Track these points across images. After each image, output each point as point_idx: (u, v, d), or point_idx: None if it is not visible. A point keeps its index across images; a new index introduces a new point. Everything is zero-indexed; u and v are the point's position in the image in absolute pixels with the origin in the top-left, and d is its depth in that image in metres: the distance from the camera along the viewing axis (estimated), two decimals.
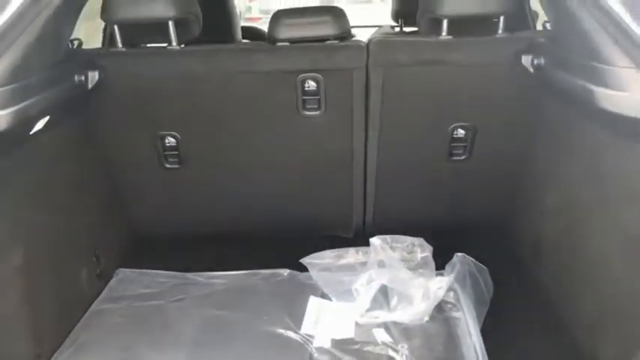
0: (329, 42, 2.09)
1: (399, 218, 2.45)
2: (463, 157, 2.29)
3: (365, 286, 1.96)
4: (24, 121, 1.61)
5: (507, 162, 2.27)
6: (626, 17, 1.44)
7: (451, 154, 2.29)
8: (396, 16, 3.30)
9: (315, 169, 2.35)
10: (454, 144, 2.27)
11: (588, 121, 1.73)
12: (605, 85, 1.49)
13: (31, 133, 1.70)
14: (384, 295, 1.98)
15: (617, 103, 1.45)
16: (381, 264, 2.18)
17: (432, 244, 2.28)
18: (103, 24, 2.60)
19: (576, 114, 1.81)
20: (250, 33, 3.57)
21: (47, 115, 1.77)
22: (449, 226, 2.39)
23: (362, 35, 2.70)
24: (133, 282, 2.28)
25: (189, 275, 2.29)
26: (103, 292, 2.20)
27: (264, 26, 4.17)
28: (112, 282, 2.27)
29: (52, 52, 1.82)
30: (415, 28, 3.19)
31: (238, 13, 3.45)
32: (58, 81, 1.82)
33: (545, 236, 2.09)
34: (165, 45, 2.10)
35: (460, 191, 2.38)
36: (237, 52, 2.13)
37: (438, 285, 1.92)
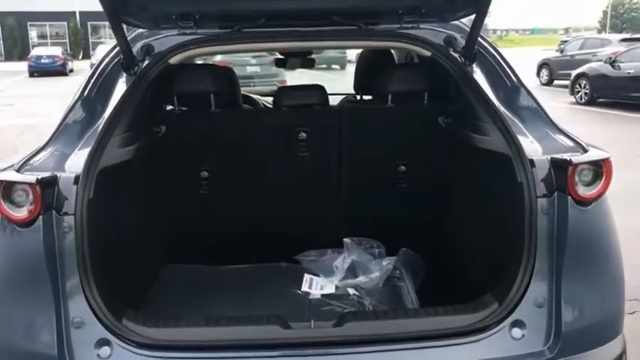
0: (315, 107, 3.20)
1: (364, 227, 3.51)
2: (405, 185, 3.39)
3: (341, 263, 3.00)
4: (133, 156, 2.64)
5: (432, 186, 3.38)
6: (490, 94, 2.60)
7: (397, 183, 3.39)
8: (357, 88, 4.49)
9: (304, 195, 3.40)
10: (398, 176, 3.37)
11: (473, 155, 2.86)
12: (480, 133, 2.63)
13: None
14: (352, 270, 3.02)
15: (485, 143, 2.58)
16: (353, 259, 3.23)
17: (385, 244, 3.34)
18: None
19: (467, 151, 2.94)
20: (246, 100, 4.70)
21: (143, 152, 2.79)
22: (397, 231, 3.47)
23: (333, 100, 3.84)
24: (177, 273, 3.25)
25: (216, 268, 3.28)
26: (159, 279, 3.16)
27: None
28: (164, 272, 3.24)
29: (142, 114, 2.87)
30: (369, 97, 4.37)
31: None
32: (145, 132, 2.86)
33: (455, 233, 3.18)
34: (207, 109, 3.17)
35: (406, 207, 3.46)
36: (256, 114, 3.22)
37: (388, 261, 2.97)
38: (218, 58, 11.01)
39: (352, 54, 22.46)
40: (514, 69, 2.84)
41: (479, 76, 2.84)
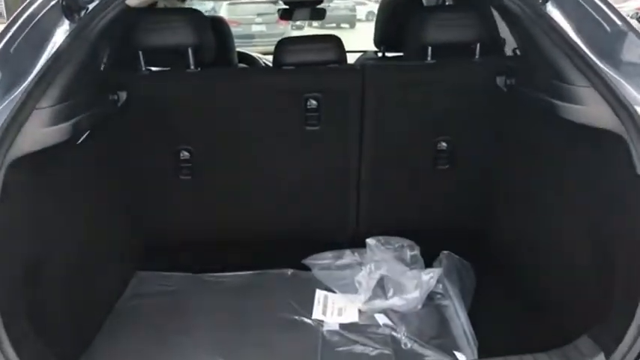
0: (329, 66, 2.38)
1: (390, 223, 2.73)
2: (446, 167, 2.59)
3: (366, 278, 2.23)
4: (72, 135, 1.85)
5: (485, 171, 2.58)
6: (581, 44, 1.77)
7: (436, 164, 2.59)
8: (379, 43, 3.64)
9: (315, 179, 2.62)
10: (438, 155, 2.57)
11: (553, 132, 2.05)
12: (567, 101, 1.81)
13: (77, 143, 1.93)
14: (381, 287, 2.25)
15: (576, 115, 1.77)
16: (377, 263, 2.46)
17: (420, 244, 2.57)
18: None
19: (543, 126, 2.13)
20: (243, 58, 3.86)
21: (87, 130, 2.01)
22: (435, 228, 2.68)
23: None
24: (150, 283, 2.50)
25: (201, 275, 2.52)
26: (124, 294, 2.41)
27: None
28: (132, 284, 2.48)
29: (91, 76, 2.07)
30: (396, 54, 3.53)
31: None
32: (96, 100, 2.06)
33: (520, 237, 2.40)
34: (184, 68, 2.36)
35: (444, 198, 2.68)
36: (248, 74, 2.41)
37: (430, 275, 2.20)
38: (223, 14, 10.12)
39: (362, 12, 21.41)
40: (614, 7, 1.99)
41: (558, 17, 2.01)
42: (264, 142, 2.51)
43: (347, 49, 2.52)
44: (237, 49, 5.14)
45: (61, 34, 2.03)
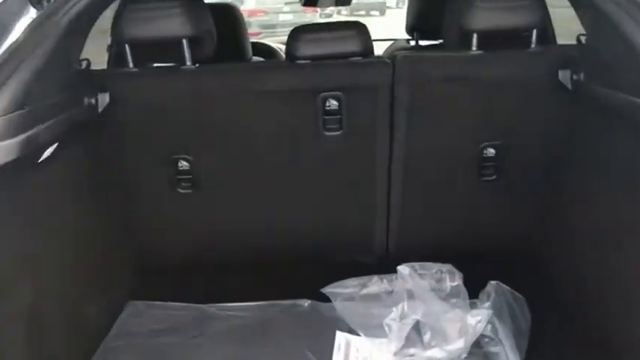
0: (352, 59, 1.97)
1: (424, 243, 2.32)
2: (493, 177, 2.16)
3: (397, 321, 1.82)
4: (32, 150, 1.49)
5: (541, 183, 2.15)
6: None
7: (481, 175, 2.16)
8: (411, 29, 3.19)
9: (336, 192, 2.22)
10: (484, 163, 2.14)
11: (636, 143, 1.61)
12: None
13: (38, 161, 1.57)
14: (417, 330, 1.84)
15: None
16: (410, 294, 2.05)
17: (461, 271, 2.15)
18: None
19: (621, 133, 1.69)
20: (259, 50, 3.46)
21: (56, 142, 1.65)
22: (479, 251, 2.26)
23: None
24: (144, 316, 2.13)
25: (205, 307, 2.15)
26: (113, 328, 2.05)
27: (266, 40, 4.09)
28: (123, 316, 2.12)
29: (60, 75, 1.70)
30: (431, 42, 3.09)
31: None
32: (67, 105, 1.70)
33: (584, 263, 1.96)
34: (178, 64, 1.98)
35: (490, 213, 2.26)
36: (254, 71, 2.01)
37: (477, 318, 1.78)
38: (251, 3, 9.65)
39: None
40: None
41: None
42: (276, 151, 2.12)
43: (375, 38, 2.11)
44: (259, 40, 4.78)
45: (23, 23, 1.69)
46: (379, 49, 3.37)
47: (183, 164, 2.13)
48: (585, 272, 1.94)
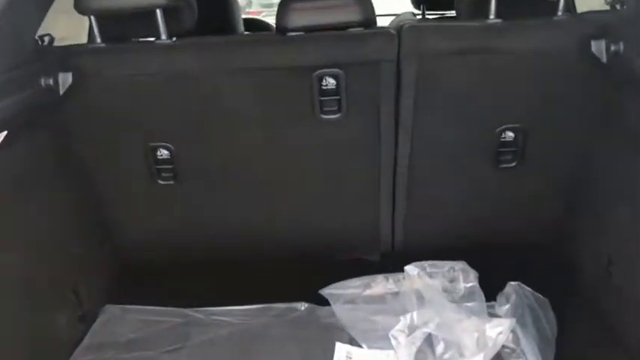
0: (351, 30, 1.71)
1: (435, 237, 2.08)
2: (513, 164, 1.91)
3: (405, 333, 1.59)
4: None
5: (567, 170, 1.90)
6: None
7: (499, 161, 1.91)
8: (417, 1, 2.92)
9: (335, 181, 1.98)
10: (502, 149, 1.89)
11: None
12: None
13: None
14: (428, 341, 1.61)
15: None
16: (419, 296, 1.82)
17: (476, 269, 1.92)
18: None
19: None
20: (253, 26, 3.19)
21: (6, 128, 1.40)
22: (496, 247, 2.02)
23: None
24: (122, 323, 1.91)
25: (189, 312, 1.92)
26: (86, 338, 1.83)
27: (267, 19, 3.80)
28: (97, 324, 1.90)
29: (12, 52, 1.45)
30: (439, 13, 2.82)
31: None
32: (20, 86, 1.46)
33: (616, 260, 1.71)
34: (152, 39, 1.73)
35: (509, 205, 2.01)
36: (239, 46, 1.75)
37: (498, 330, 1.54)
38: None
39: None
40: None
41: None
42: (267, 136, 1.87)
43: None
44: (253, 17, 4.49)
45: None
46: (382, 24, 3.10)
47: (163, 153, 1.88)
48: (619, 272, 1.69)
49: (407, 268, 1.85)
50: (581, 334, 1.71)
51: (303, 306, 1.91)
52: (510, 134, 1.87)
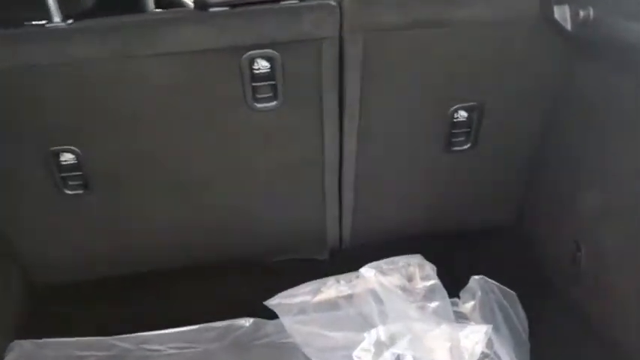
0: (285, 3, 1.46)
1: (386, 230, 1.91)
2: (466, 147, 1.75)
3: (372, 353, 1.39)
4: None
5: (526, 150, 1.75)
6: None
7: (451, 144, 1.74)
8: None
9: (275, 176, 1.74)
10: (455, 130, 1.72)
11: None
12: None
13: None
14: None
15: None
16: (375, 297, 1.65)
17: (433, 261, 1.76)
18: None
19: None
20: (165, 2, 2.85)
21: None
22: (451, 236, 1.87)
23: None
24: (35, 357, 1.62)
25: (115, 341, 1.65)
26: None
27: None
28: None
29: None
30: None
31: None
32: None
33: (585, 246, 1.59)
34: (43, 22, 1.41)
35: (464, 190, 1.85)
36: (150, 26, 1.46)
37: (473, 339, 1.38)
38: None
39: None
40: None
41: None
42: (191, 132, 1.60)
43: None
44: None
45: None
46: None
47: (68, 157, 1.58)
48: (589, 259, 1.57)
49: (362, 270, 1.66)
50: (554, 327, 1.59)
51: (247, 322, 1.68)
52: (463, 114, 1.69)
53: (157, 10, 2.18)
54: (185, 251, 1.83)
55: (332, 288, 1.75)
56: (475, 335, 1.39)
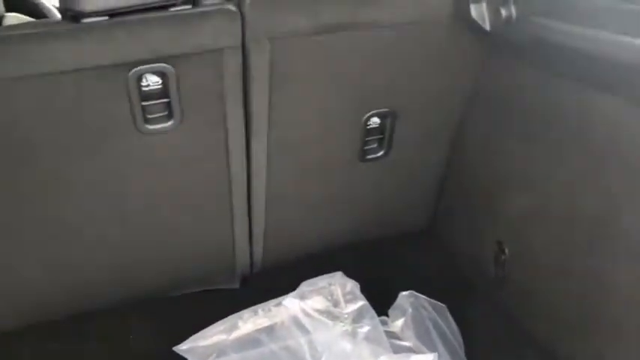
0: (176, 9, 1.24)
1: (300, 246, 1.77)
2: (380, 154, 1.64)
3: None
4: None
5: (443, 153, 1.68)
6: None
7: (365, 152, 1.63)
8: None
9: (177, 203, 1.53)
10: (369, 137, 1.60)
11: (600, 92, 1.17)
12: None
13: None
14: None
15: None
16: (299, 326, 1.51)
17: (352, 276, 1.65)
18: None
19: (563, 86, 1.26)
20: (24, 11, 2.43)
21: None
22: (369, 246, 1.77)
23: None
24: None
25: None
26: None
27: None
28: None
29: None
30: None
31: None
32: None
33: (508, 248, 1.55)
34: None
35: (380, 198, 1.75)
36: (12, 43, 1.18)
37: None
38: None
39: None
40: None
41: None
42: (72, 163, 1.35)
43: None
44: None
45: None
46: None
47: None
48: (512, 262, 1.53)
49: (284, 302, 1.50)
50: (486, 336, 1.53)
51: None
52: (376, 120, 1.58)
53: (17, 21, 1.85)
54: (72, 298, 1.57)
55: (249, 322, 1.58)
56: None
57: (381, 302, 1.61)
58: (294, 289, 1.62)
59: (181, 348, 1.50)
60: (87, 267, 1.54)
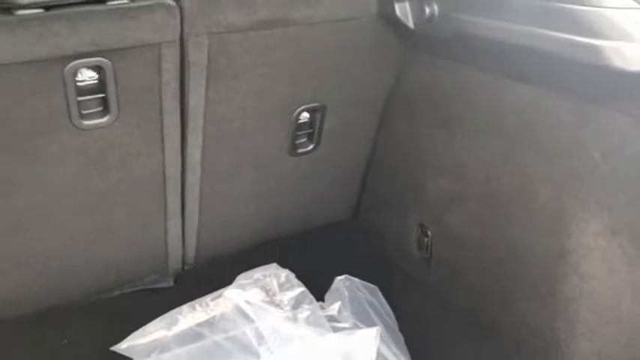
0: (113, 3, 1.24)
1: (232, 240, 1.80)
2: (310, 148, 1.71)
3: None
4: None
5: (368, 145, 1.77)
6: None
7: (295, 146, 1.69)
8: None
9: (110, 200, 1.51)
10: (299, 132, 1.67)
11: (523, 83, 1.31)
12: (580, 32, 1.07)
13: None
14: None
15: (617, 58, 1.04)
16: (243, 316, 1.53)
17: (286, 268, 1.70)
18: None
19: (479, 80, 1.39)
20: None
21: None
22: (302, 239, 1.83)
23: None
24: None
25: None
26: None
27: None
28: None
29: None
30: None
31: None
32: None
33: (429, 226, 1.67)
34: None
35: (308, 191, 1.81)
36: None
37: (366, 343, 1.34)
38: None
39: None
40: None
41: None
42: (5, 158, 1.30)
43: None
44: None
45: None
46: None
47: None
48: (435, 240, 1.65)
49: (225, 293, 1.52)
50: (415, 312, 1.64)
51: None
52: (306, 115, 1.65)
53: None
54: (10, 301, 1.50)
55: (189, 316, 1.58)
56: (367, 340, 1.36)
57: (315, 290, 1.66)
58: (228, 283, 1.63)
59: (120, 347, 1.47)
60: (15, 270, 1.48)
